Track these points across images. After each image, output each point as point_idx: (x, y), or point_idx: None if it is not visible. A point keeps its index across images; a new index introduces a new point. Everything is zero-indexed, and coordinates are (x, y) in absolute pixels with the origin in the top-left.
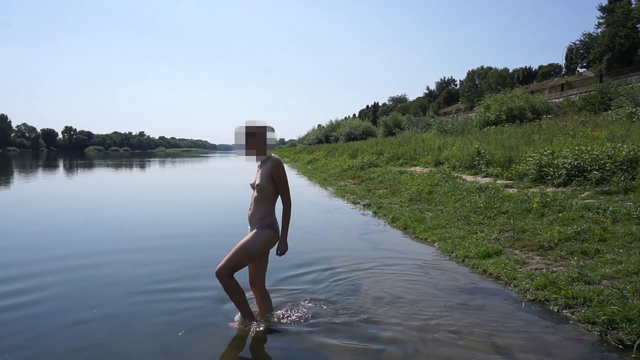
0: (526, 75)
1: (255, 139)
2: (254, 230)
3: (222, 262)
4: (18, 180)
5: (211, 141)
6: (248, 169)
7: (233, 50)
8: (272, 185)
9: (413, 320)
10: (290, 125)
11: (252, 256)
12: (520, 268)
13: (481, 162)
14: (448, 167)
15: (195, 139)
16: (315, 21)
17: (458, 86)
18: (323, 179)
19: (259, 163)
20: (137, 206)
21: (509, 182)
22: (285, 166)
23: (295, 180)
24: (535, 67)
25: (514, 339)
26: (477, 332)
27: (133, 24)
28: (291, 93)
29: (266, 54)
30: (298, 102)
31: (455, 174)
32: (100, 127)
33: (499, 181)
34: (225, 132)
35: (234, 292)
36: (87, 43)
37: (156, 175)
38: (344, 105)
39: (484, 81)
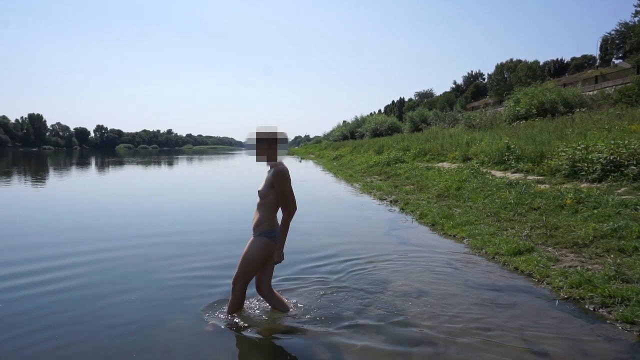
0: (558, 68)
1: (265, 145)
2: (250, 239)
3: (235, 275)
4: (63, 177)
5: (237, 138)
6: None
7: (259, 47)
8: (273, 193)
9: (442, 316)
10: (315, 121)
11: (255, 265)
12: (553, 265)
13: (511, 157)
14: (477, 163)
15: (221, 136)
16: (339, 16)
17: (486, 80)
18: (349, 175)
19: (269, 169)
20: (176, 199)
21: (541, 177)
22: (310, 163)
23: (320, 176)
24: (567, 59)
25: (547, 337)
26: (509, 329)
27: (164, 22)
28: (315, 90)
29: (289, 52)
30: (323, 98)
31: (484, 170)
32: (130, 125)
33: (530, 177)
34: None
35: (235, 305)
36: (116, 42)
37: (188, 172)
38: (369, 101)
39: (514, 74)
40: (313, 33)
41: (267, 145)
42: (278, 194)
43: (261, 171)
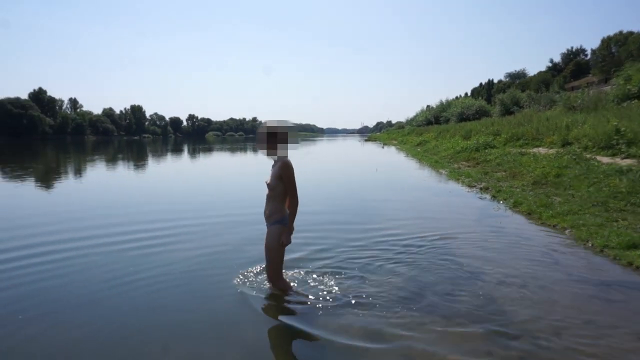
0: None
1: (276, 139)
2: (267, 231)
3: (267, 276)
4: (177, 161)
5: (319, 125)
6: (355, 152)
7: (342, 34)
8: (281, 185)
9: (546, 311)
10: (397, 107)
11: (279, 251)
12: None
13: (621, 141)
14: (579, 148)
15: (303, 122)
16: None
17: (589, 56)
18: (434, 161)
19: (272, 163)
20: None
21: None
22: (393, 149)
23: (403, 163)
24: None
25: None
26: (621, 328)
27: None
28: (397, 74)
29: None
30: (406, 83)
31: (588, 155)
32: (218, 114)
33: None
34: (333, 115)
35: (286, 290)
36: (209, 37)
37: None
38: (454, 84)
39: (623, 48)
40: (393, 17)
41: (278, 139)
42: (287, 185)
43: (345, 158)
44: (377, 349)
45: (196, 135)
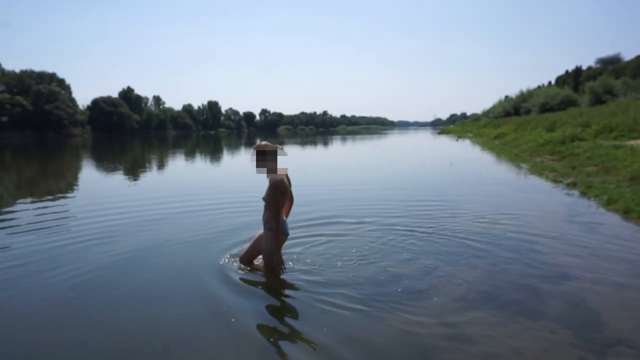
0: None
1: (265, 158)
2: (262, 232)
3: (264, 273)
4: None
5: (389, 118)
6: (427, 145)
7: (410, 26)
8: None
9: None
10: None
11: (272, 252)
12: None
13: None
14: None
15: (374, 116)
16: None
17: None
18: (514, 155)
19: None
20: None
21: None
22: (467, 142)
23: (479, 157)
24: None
25: None
26: None
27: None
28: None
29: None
30: (481, 73)
31: None
32: (290, 108)
33: None
34: (404, 108)
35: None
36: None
37: (355, 152)
38: (535, 72)
39: None
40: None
41: (266, 158)
42: (266, 200)
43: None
44: (457, 348)
45: (268, 129)
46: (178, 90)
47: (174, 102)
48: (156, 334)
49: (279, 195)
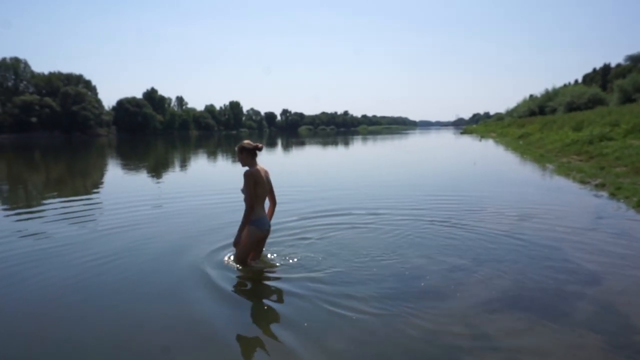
0: None
1: (242, 154)
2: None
3: (235, 258)
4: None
5: (411, 117)
6: (450, 144)
7: (433, 25)
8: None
9: None
10: (495, 97)
11: (246, 247)
12: None
13: None
14: None
15: (395, 116)
16: None
17: None
18: (539, 155)
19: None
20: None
21: None
22: (491, 142)
23: (503, 157)
24: None
25: None
26: None
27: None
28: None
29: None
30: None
31: None
32: (310, 108)
33: None
34: (426, 107)
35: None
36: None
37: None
38: (563, 70)
39: None
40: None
41: (243, 154)
42: (244, 189)
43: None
44: (479, 346)
45: (289, 129)
46: (201, 90)
47: (197, 102)
48: (189, 328)
49: (252, 184)
